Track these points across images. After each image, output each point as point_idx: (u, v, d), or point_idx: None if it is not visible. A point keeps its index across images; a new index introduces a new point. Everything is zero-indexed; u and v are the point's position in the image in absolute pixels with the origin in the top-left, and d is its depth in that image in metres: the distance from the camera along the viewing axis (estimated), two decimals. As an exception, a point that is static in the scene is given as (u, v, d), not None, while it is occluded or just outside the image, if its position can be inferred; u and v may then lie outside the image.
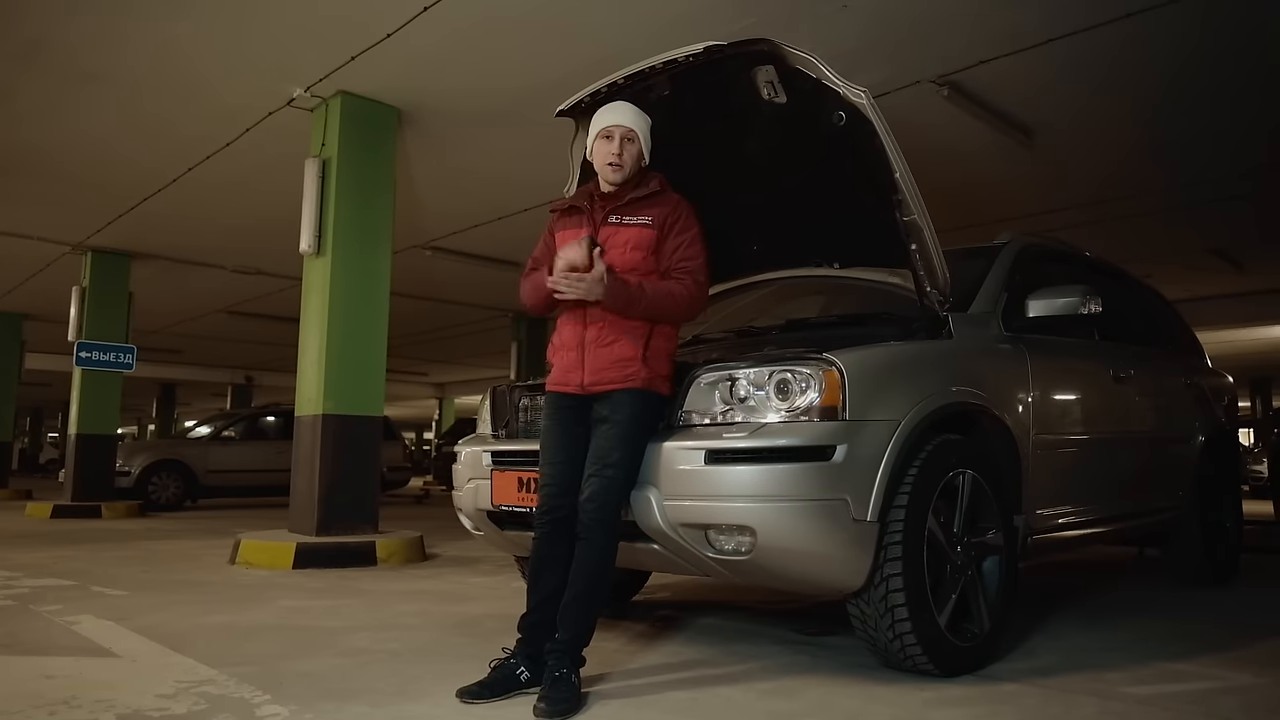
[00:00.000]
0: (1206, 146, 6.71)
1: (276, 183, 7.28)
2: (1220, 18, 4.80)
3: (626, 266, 2.57)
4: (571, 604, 2.43)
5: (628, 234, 2.60)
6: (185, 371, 21.15)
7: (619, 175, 2.64)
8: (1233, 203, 7.95)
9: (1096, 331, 3.78)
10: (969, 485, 2.75)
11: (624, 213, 2.63)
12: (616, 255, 2.57)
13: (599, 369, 2.54)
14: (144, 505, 10.38)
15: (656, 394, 2.58)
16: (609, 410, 2.52)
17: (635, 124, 2.67)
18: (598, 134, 2.67)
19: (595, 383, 2.54)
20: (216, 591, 4.24)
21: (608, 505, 2.44)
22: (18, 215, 8.78)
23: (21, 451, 31.49)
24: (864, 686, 2.50)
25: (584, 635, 2.43)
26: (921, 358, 2.86)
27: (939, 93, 5.63)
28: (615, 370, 2.53)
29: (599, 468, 2.46)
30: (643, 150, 2.69)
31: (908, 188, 2.84)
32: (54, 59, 5.41)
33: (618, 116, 2.67)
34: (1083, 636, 3.23)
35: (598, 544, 2.45)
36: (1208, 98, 5.83)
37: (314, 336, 5.81)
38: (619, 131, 2.63)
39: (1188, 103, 5.92)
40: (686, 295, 2.59)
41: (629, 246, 2.59)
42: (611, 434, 2.49)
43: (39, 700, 2.29)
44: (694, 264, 2.62)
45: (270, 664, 2.73)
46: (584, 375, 2.55)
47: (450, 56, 5.31)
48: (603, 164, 2.65)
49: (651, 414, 2.58)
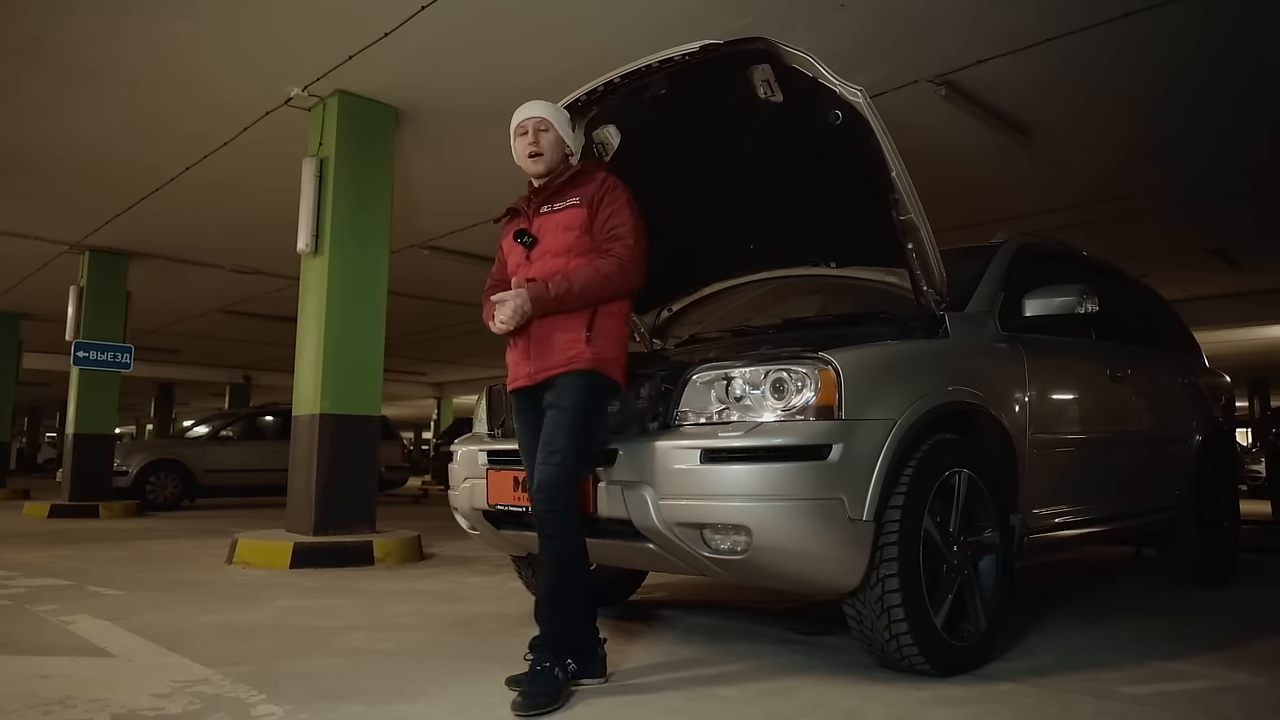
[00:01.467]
0: (1205, 146, 6.71)
1: (274, 182, 7.28)
2: (1219, 17, 4.81)
3: (563, 248, 2.59)
4: (544, 600, 2.47)
5: (559, 218, 2.62)
6: (183, 371, 21.14)
7: (541, 165, 2.67)
8: (1231, 202, 7.95)
9: (1093, 331, 3.77)
10: (965, 485, 2.74)
11: (553, 200, 2.66)
12: (552, 241, 2.60)
13: (543, 355, 2.56)
14: (142, 505, 10.38)
15: (604, 376, 2.54)
16: (555, 395, 2.52)
17: (545, 113, 2.71)
18: (514, 135, 2.72)
19: (541, 370, 2.56)
20: (213, 591, 4.24)
21: (556, 493, 2.41)
22: (15, 214, 8.77)
23: (19, 451, 31.44)
24: (860, 686, 2.50)
25: (562, 630, 2.42)
26: (918, 357, 2.86)
27: (936, 92, 5.63)
28: (559, 354, 2.53)
29: (545, 455, 2.45)
30: (562, 138, 2.72)
31: (904, 187, 2.84)
32: (53, 56, 5.41)
33: (526, 111, 2.72)
34: (1079, 636, 3.23)
35: (555, 534, 2.44)
36: (1206, 97, 5.83)
37: (311, 336, 5.80)
38: (531, 124, 2.68)
39: (1186, 102, 5.92)
40: (618, 269, 2.55)
41: (561, 228, 2.61)
42: (557, 419, 2.47)
43: (34, 700, 2.28)
44: (623, 229, 2.59)
45: (266, 664, 2.72)
46: (531, 365, 2.58)
47: (448, 55, 5.31)
48: (524, 158, 2.69)
49: (598, 397, 2.55)
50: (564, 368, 2.52)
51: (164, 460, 11.29)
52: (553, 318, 2.54)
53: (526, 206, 2.73)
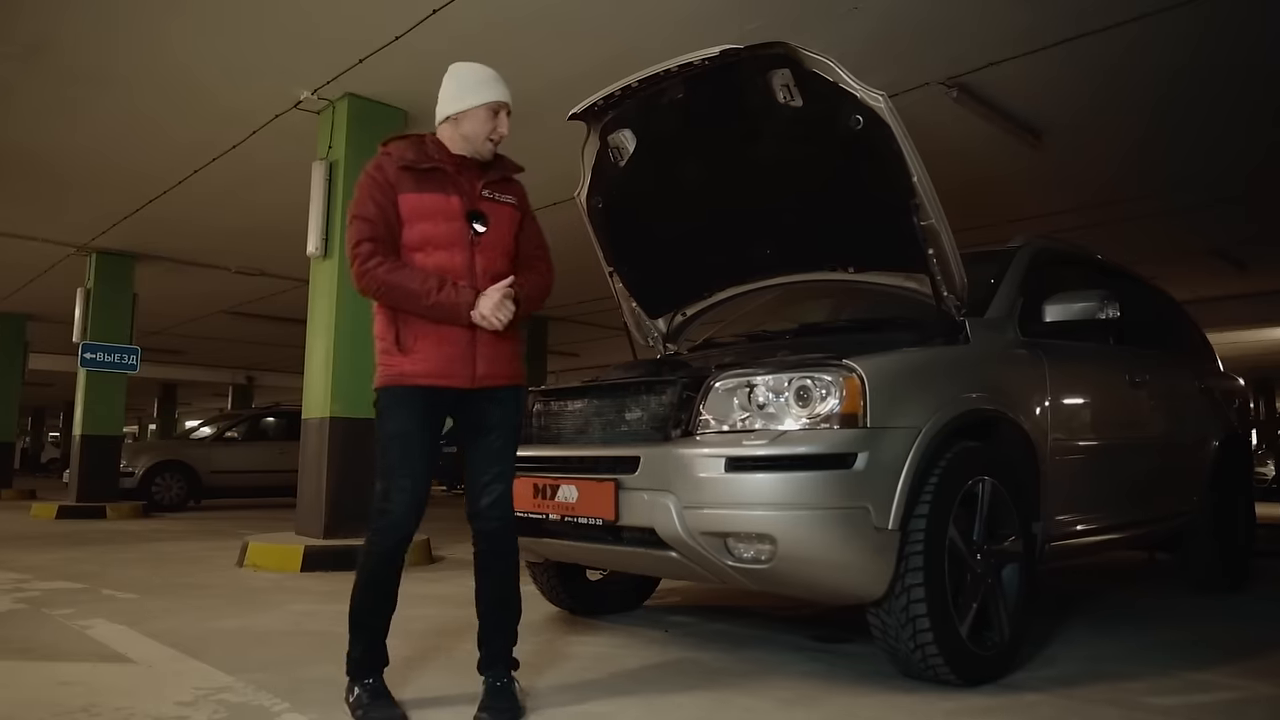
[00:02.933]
0: (1210, 148, 6.70)
1: (282, 185, 7.27)
2: (1233, 18, 4.79)
3: (507, 248, 2.40)
4: (497, 614, 2.41)
5: (505, 212, 2.42)
6: (187, 372, 21.14)
7: (493, 154, 2.43)
8: (1238, 204, 7.94)
9: (1113, 336, 3.76)
10: (989, 492, 2.73)
11: (496, 189, 2.42)
12: (497, 234, 2.37)
13: (494, 360, 2.33)
14: (147, 506, 10.37)
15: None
16: (501, 410, 2.36)
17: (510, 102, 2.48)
18: (486, 104, 2.40)
19: (489, 376, 2.32)
20: (226, 595, 4.23)
21: (511, 510, 2.40)
22: (22, 216, 8.76)
23: (23, 451, 31.47)
24: (885, 696, 2.49)
25: (511, 641, 2.42)
26: (940, 364, 2.85)
27: (948, 94, 5.62)
28: (508, 365, 2.38)
29: (500, 471, 2.37)
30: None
31: (926, 191, 2.83)
32: (58, 60, 5.39)
33: (505, 92, 2.46)
34: (1100, 644, 3.22)
35: (513, 547, 2.42)
36: (1214, 99, 5.81)
37: (321, 339, 5.79)
38: (505, 110, 2.43)
39: (1195, 104, 5.90)
40: (550, 283, 2.48)
41: (505, 224, 2.41)
42: (509, 436, 2.39)
43: (58, 708, 2.27)
44: (545, 248, 2.51)
45: (286, 670, 2.72)
46: (477, 368, 2.30)
47: (458, 58, 5.26)
48: (483, 138, 2.38)
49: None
50: (510, 380, 2.38)
51: (170, 461, 11.28)
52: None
53: (458, 174, 2.37)
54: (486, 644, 2.39)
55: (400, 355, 2.28)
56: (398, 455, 2.28)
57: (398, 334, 2.28)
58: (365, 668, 2.32)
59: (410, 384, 2.27)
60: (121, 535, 7.45)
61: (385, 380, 2.30)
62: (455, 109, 2.40)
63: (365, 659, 2.33)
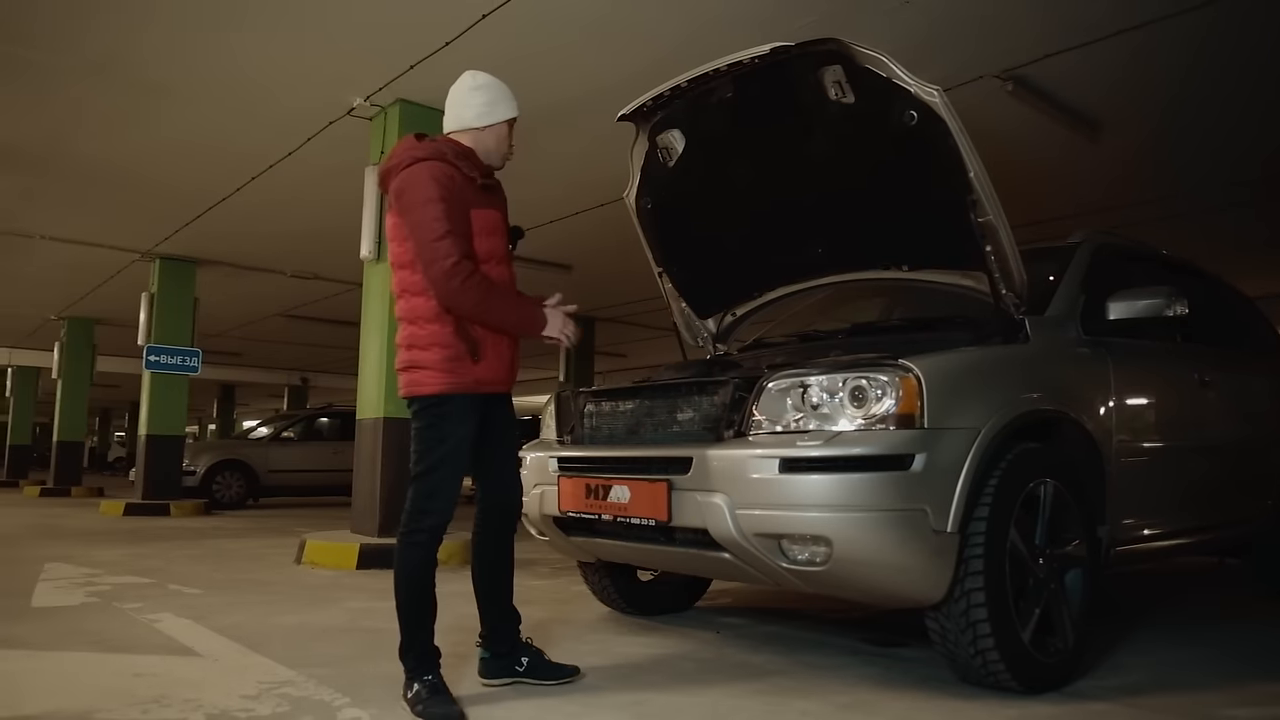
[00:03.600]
0: (1277, 138, 6.45)
1: (335, 190, 7.41)
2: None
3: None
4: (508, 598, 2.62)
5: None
6: (244, 373, 21.71)
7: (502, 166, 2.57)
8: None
9: (1179, 334, 3.64)
10: (1051, 495, 2.67)
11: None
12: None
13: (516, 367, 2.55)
14: (208, 504, 10.67)
15: None
16: (507, 409, 2.56)
17: None
18: (509, 120, 2.56)
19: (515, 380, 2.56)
20: (286, 591, 4.33)
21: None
22: (92, 225, 9.09)
23: (91, 450, 32.60)
24: (945, 702, 2.44)
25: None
26: (999, 363, 2.79)
27: (1003, 88, 5.51)
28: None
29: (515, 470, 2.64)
30: None
31: (983, 187, 2.77)
32: (124, 74, 5.58)
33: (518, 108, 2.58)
34: (1170, 652, 3.12)
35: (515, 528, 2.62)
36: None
37: (374, 341, 5.89)
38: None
39: (1262, 93, 5.69)
40: None
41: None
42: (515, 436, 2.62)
43: (131, 699, 2.35)
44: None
45: (346, 666, 2.77)
46: (513, 377, 2.54)
47: (507, 63, 5.29)
48: (504, 152, 2.56)
49: None
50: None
51: (230, 461, 11.59)
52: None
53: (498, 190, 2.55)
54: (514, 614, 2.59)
55: (473, 364, 2.36)
56: (455, 458, 2.39)
57: (471, 344, 2.36)
58: (424, 663, 2.35)
59: (478, 390, 2.38)
60: (185, 532, 7.67)
61: (454, 387, 2.36)
62: (485, 121, 2.50)
63: (422, 655, 2.37)
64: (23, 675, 2.59)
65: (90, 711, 2.24)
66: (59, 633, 3.20)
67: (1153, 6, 4.64)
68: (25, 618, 3.49)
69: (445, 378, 2.36)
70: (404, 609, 2.40)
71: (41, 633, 3.19)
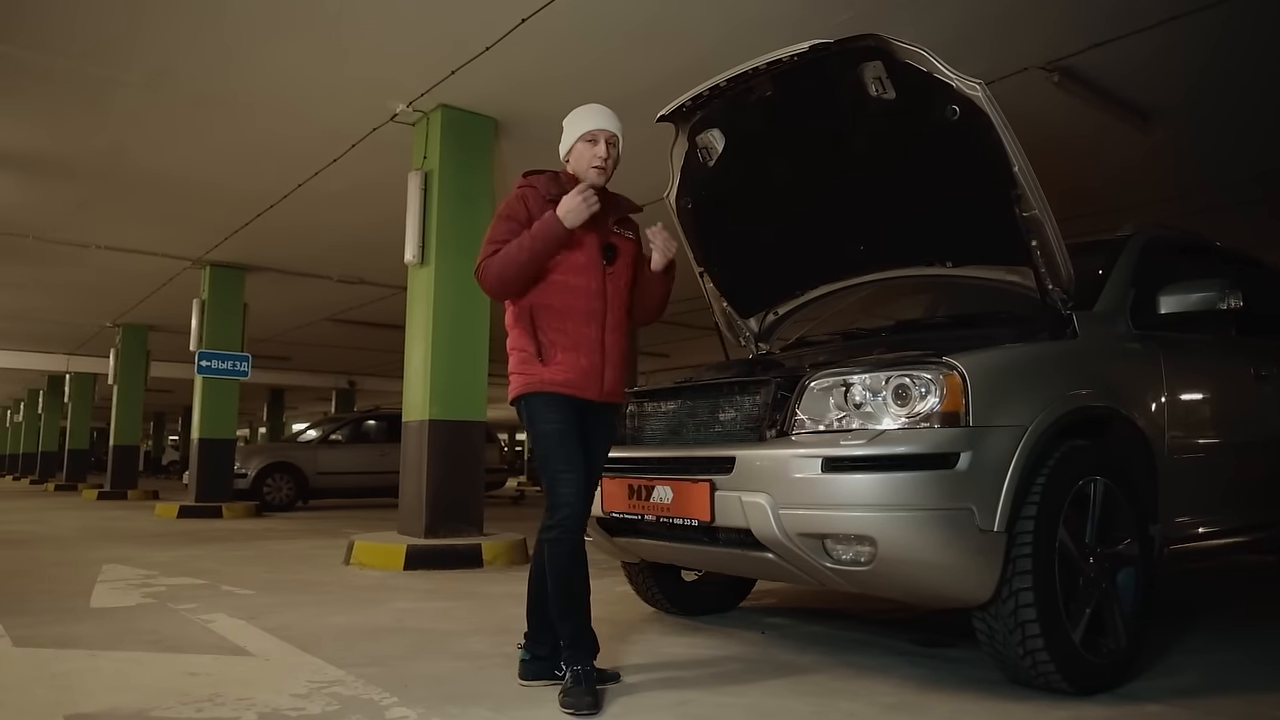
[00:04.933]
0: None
1: (379, 195, 7.54)
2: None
3: (629, 280, 2.65)
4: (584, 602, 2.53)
5: (629, 246, 2.66)
6: (293, 377, 22.13)
7: (603, 179, 2.60)
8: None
9: (1234, 327, 3.54)
10: (1101, 493, 2.61)
11: (622, 226, 2.67)
12: (624, 266, 2.62)
13: (615, 380, 2.57)
14: (259, 506, 10.90)
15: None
16: (607, 423, 2.62)
17: (618, 130, 2.64)
18: (581, 136, 2.60)
19: (611, 394, 2.57)
20: (335, 592, 4.41)
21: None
22: (147, 234, 9.36)
23: (147, 454, 33.53)
24: (994, 703, 2.40)
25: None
26: (1046, 360, 2.74)
27: (1049, 79, 5.41)
28: (620, 384, 2.60)
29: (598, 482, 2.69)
30: (619, 156, 2.65)
31: (1027, 181, 2.73)
32: (178, 86, 5.73)
33: (604, 121, 2.61)
34: (1226, 652, 3.04)
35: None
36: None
37: (419, 344, 5.98)
38: (604, 136, 2.59)
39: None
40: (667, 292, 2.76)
41: (630, 258, 2.65)
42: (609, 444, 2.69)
43: (186, 697, 2.41)
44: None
45: (394, 666, 2.81)
46: (605, 385, 2.53)
47: (546, 66, 5.38)
48: (586, 166, 2.59)
49: None
50: (620, 399, 2.65)
51: (280, 463, 11.83)
52: (621, 342, 2.58)
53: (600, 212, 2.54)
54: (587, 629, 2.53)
55: (541, 365, 2.47)
56: (555, 447, 2.45)
57: (539, 346, 2.48)
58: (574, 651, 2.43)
59: (553, 390, 2.46)
60: (237, 534, 7.85)
61: (526, 388, 2.49)
62: (564, 150, 2.67)
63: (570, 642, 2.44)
64: (81, 674, 2.67)
65: (146, 710, 2.30)
66: (116, 633, 3.30)
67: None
68: (84, 618, 3.60)
69: (520, 380, 2.51)
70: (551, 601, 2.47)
71: (99, 633, 3.29)
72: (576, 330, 2.49)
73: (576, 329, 2.49)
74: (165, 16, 4.88)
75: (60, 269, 10.86)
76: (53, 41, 5.15)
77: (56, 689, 2.49)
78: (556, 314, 2.49)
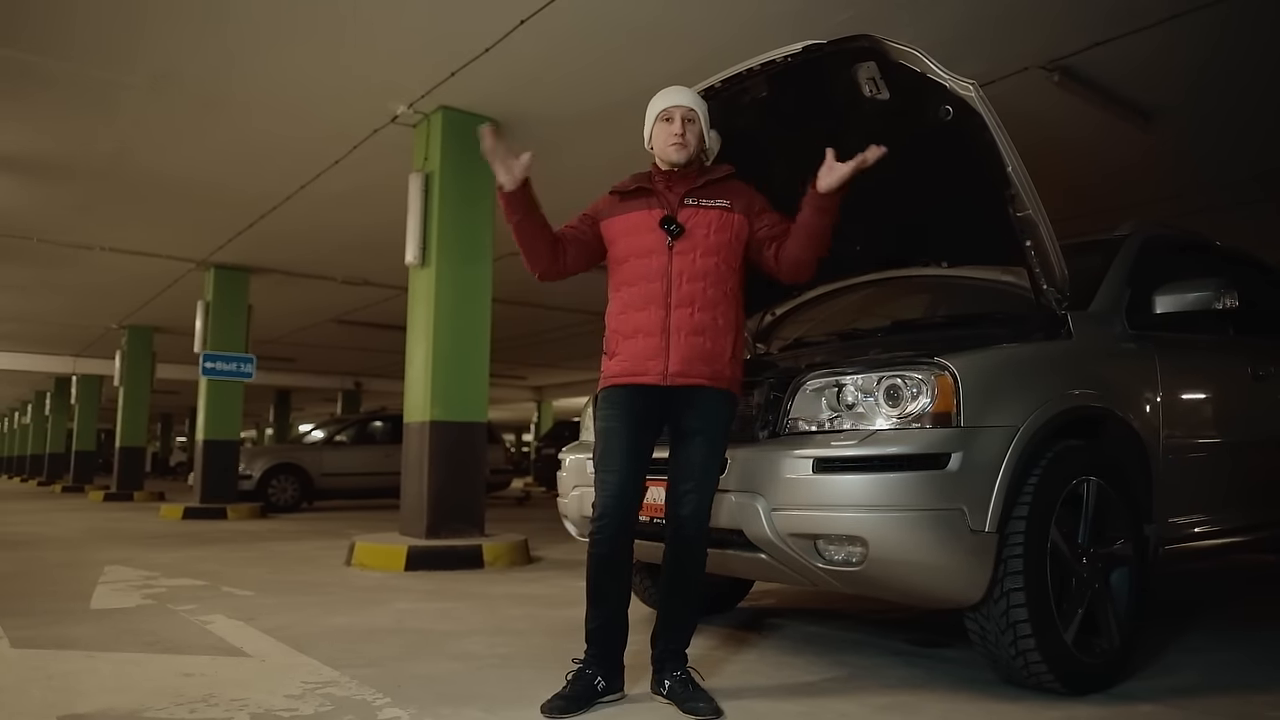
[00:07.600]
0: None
1: (382, 196, 7.55)
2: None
3: (711, 249, 2.47)
4: (685, 612, 2.50)
5: (710, 216, 2.50)
6: (299, 378, 22.22)
7: (683, 154, 2.53)
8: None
9: (1232, 326, 3.53)
10: (1094, 493, 2.61)
11: (701, 195, 2.52)
12: (701, 237, 2.46)
13: (688, 359, 2.38)
14: (264, 507, 10.93)
15: (737, 399, 2.56)
16: (699, 419, 2.41)
17: (695, 105, 2.59)
18: (657, 117, 2.58)
19: (682, 374, 2.38)
20: (335, 593, 4.42)
21: (706, 519, 2.44)
22: (151, 235, 9.40)
23: (153, 455, 33.66)
24: (987, 704, 2.40)
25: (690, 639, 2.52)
26: (1040, 360, 2.74)
27: (1049, 79, 5.39)
28: (706, 364, 2.40)
29: (698, 482, 2.40)
30: (703, 132, 2.60)
31: (1021, 182, 2.72)
32: (182, 88, 5.76)
33: (675, 98, 2.58)
34: (1223, 652, 3.03)
35: (700, 555, 2.48)
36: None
37: (420, 346, 5.99)
38: (679, 112, 2.54)
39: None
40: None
41: (713, 229, 2.49)
42: (705, 447, 2.43)
43: (180, 698, 2.43)
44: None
45: (389, 666, 2.82)
46: (668, 363, 2.38)
47: (546, 67, 5.39)
48: (665, 145, 2.54)
49: (732, 421, 2.54)
50: (709, 381, 2.41)
51: (284, 464, 11.86)
52: (703, 318, 2.41)
53: (666, 190, 2.53)
54: (673, 638, 2.48)
55: (608, 360, 2.53)
56: (601, 451, 2.46)
57: (606, 340, 2.55)
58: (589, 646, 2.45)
59: (612, 384, 2.48)
60: (240, 535, 7.88)
61: (602, 383, 2.55)
62: (646, 139, 2.66)
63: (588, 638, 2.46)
64: (78, 675, 2.68)
65: (140, 710, 2.31)
66: (115, 634, 3.32)
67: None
68: (84, 620, 3.62)
69: (602, 378, 2.56)
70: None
71: (98, 634, 3.31)
72: (636, 316, 2.46)
73: (636, 314, 2.46)
74: (168, 20, 4.90)
75: (65, 271, 10.92)
76: (57, 45, 5.18)
77: (53, 690, 2.51)
78: (622, 302, 2.52)
